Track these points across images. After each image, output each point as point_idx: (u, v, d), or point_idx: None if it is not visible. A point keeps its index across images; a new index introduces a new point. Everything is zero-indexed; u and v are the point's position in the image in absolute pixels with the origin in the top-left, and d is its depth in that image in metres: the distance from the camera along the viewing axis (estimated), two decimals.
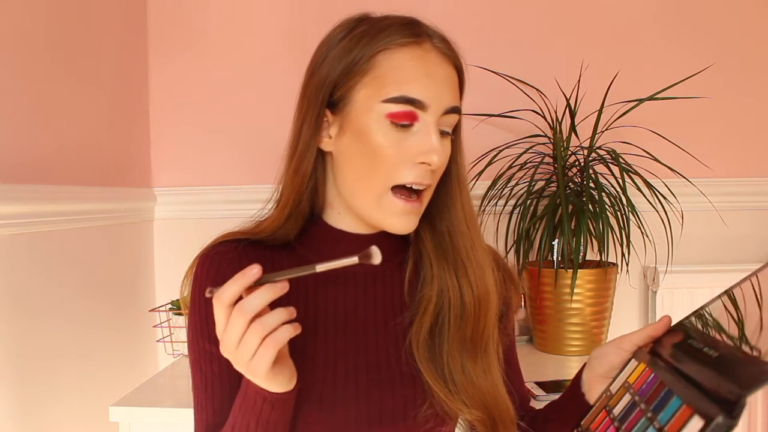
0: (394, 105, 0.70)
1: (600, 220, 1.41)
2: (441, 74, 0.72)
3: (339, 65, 0.73)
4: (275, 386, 0.64)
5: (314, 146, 0.76)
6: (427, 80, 0.71)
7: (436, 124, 0.71)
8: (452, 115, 0.73)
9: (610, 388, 0.71)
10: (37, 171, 1.25)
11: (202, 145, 1.75)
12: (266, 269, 0.81)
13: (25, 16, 1.22)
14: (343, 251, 0.78)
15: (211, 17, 1.73)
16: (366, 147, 0.72)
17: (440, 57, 0.73)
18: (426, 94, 0.70)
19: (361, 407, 0.73)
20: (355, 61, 0.72)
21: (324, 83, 0.74)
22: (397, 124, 0.70)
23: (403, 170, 0.71)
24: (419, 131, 0.71)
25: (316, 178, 0.78)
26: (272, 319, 0.58)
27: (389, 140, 0.71)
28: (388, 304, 0.79)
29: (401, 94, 0.70)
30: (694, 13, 1.70)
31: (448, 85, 0.73)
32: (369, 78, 0.71)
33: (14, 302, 1.17)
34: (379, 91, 0.71)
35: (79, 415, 1.36)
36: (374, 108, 0.71)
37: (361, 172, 0.73)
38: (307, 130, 0.76)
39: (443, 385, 0.74)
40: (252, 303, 0.58)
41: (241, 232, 0.80)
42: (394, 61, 0.71)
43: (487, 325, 0.77)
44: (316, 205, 0.80)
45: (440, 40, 0.74)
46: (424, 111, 0.71)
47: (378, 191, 0.72)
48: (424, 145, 0.70)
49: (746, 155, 1.72)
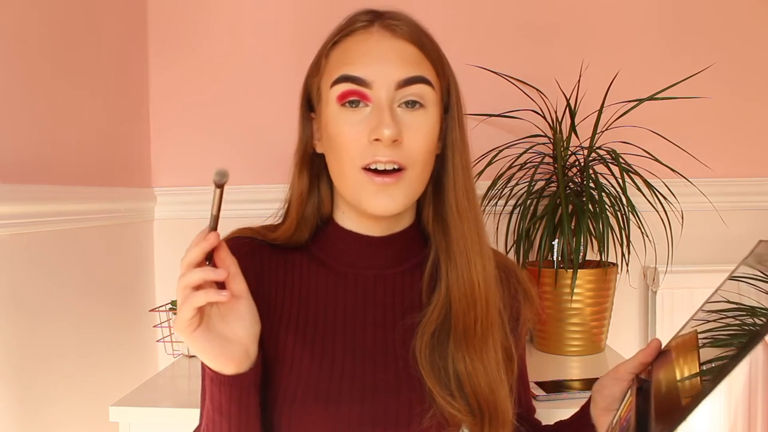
0: (337, 87, 0.71)
1: (600, 220, 1.41)
2: (382, 49, 0.72)
3: (311, 67, 0.77)
4: (211, 362, 0.65)
5: (309, 151, 0.79)
6: (367, 57, 0.71)
7: (389, 100, 0.70)
8: (414, 86, 0.71)
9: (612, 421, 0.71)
10: (37, 171, 1.25)
11: (202, 145, 1.75)
12: (279, 266, 0.82)
13: (26, 17, 1.22)
14: (353, 252, 0.79)
15: (211, 17, 1.73)
16: (330, 138, 0.73)
17: (386, 33, 0.73)
18: (365, 70, 0.71)
19: (366, 408, 0.73)
20: (317, 60, 0.76)
21: (304, 87, 0.79)
22: (345, 105, 0.71)
23: (362, 151, 0.70)
24: (372, 110, 0.71)
25: (320, 182, 0.80)
26: (192, 276, 0.60)
27: (344, 124, 0.71)
28: (399, 306, 0.79)
29: (341, 73, 0.71)
30: (694, 13, 1.70)
31: (395, 58, 0.71)
32: (325, 72, 0.74)
33: (14, 302, 1.17)
34: (329, 80, 0.73)
35: (79, 415, 1.36)
36: (329, 98, 0.73)
37: (335, 164, 0.74)
38: (302, 136, 0.79)
39: (443, 390, 0.73)
40: (189, 257, 0.60)
41: (257, 231, 0.81)
42: (341, 49, 0.74)
43: (477, 318, 0.75)
44: (324, 209, 0.81)
45: (394, 20, 0.73)
46: (369, 88, 0.71)
47: (351, 176, 0.72)
48: (375, 121, 0.70)
49: (746, 155, 1.72)
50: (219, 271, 0.60)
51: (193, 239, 0.61)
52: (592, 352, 1.49)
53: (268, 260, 0.79)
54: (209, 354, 0.64)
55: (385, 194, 0.71)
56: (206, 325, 0.63)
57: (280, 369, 0.74)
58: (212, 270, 0.60)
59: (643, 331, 1.72)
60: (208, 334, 0.63)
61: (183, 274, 0.60)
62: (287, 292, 0.78)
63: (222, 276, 0.61)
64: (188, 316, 0.60)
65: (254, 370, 0.68)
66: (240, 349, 0.66)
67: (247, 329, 0.66)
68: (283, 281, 0.79)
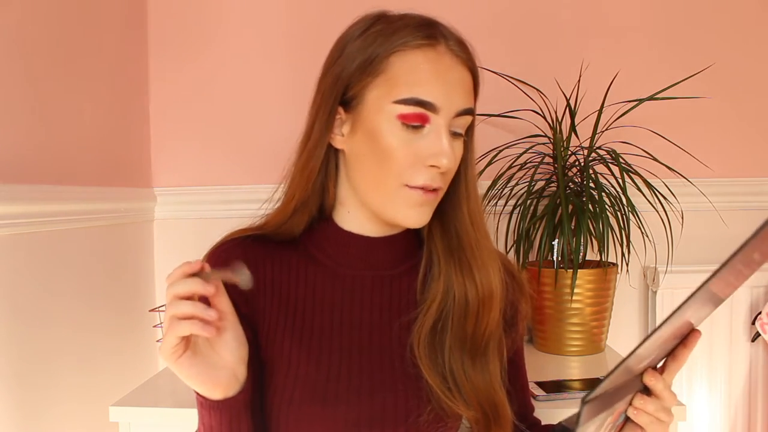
0: (405, 106, 0.71)
1: (600, 220, 1.41)
2: (453, 77, 0.72)
3: (353, 63, 0.73)
4: (198, 387, 0.66)
5: (325, 143, 0.77)
6: (439, 83, 0.71)
7: (447, 127, 0.72)
8: (464, 117, 0.74)
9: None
10: (37, 171, 1.25)
11: (201, 145, 1.75)
12: (273, 265, 0.82)
13: (26, 17, 1.22)
14: (351, 254, 0.79)
15: (212, 18, 1.73)
16: (377, 147, 0.72)
17: (454, 59, 0.73)
18: (437, 96, 0.71)
19: (364, 407, 0.73)
20: (369, 61, 0.72)
21: (338, 80, 0.74)
22: (407, 126, 0.71)
23: (413, 172, 0.72)
24: (430, 133, 0.71)
25: (326, 175, 0.79)
26: (180, 308, 0.60)
27: (399, 141, 0.71)
28: (396, 307, 0.79)
29: (412, 95, 0.70)
30: (694, 13, 1.70)
31: (460, 87, 0.73)
32: (382, 78, 0.72)
33: (14, 302, 1.17)
34: (390, 91, 0.71)
35: (79, 415, 1.36)
36: (385, 108, 0.71)
37: (373, 171, 0.73)
38: (319, 126, 0.76)
39: (442, 383, 0.74)
40: (176, 287, 0.61)
41: (248, 229, 0.81)
42: (407, 62, 0.71)
43: (489, 325, 0.77)
44: (326, 202, 0.80)
45: (455, 43, 0.74)
46: (435, 113, 0.71)
47: (391, 189, 0.73)
48: (435, 147, 0.71)
49: (746, 155, 1.72)
50: (210, 311, 0.60)
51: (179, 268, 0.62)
52: (592, 352, 1.49)
53: (263, 260, 0.79)
54: (196, 380, 0.64)
55: (423, 209, 0.74)
56: (192, 351, 0.63)
57: (277, 371, 0.74)
58: (202, 306, 0.60)
59: (643, 331, 1.72)
60: (194, 359, 0.63)
61: (170, 303, 0.61)
62: (282, 293, 0.78)
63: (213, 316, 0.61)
64: (173, 343, 0.61)
65: (243, 393, 0.68)
66: (227, 373, 0.66)
67: (233, 353, 0.66)
68: (279, 282, 0.79)
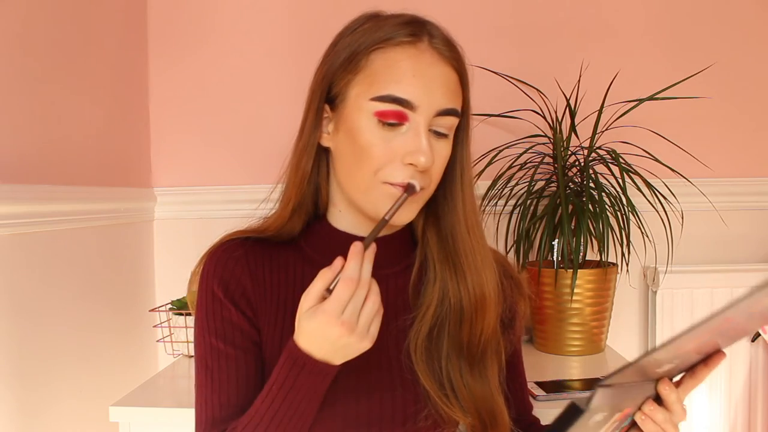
0: (381, 104, 0.70)
1: (600, 220, 1.41)
2: (433, 74, 0.71)
3: (337, 61, 0.73)
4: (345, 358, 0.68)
5: (314, 142, 0.77)
6: (417, 80, 0.70)
7: (426, 125, 0.71)
8: (448, 117, 0.73)
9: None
10: (37, 171, 1.25)
11: (202, 145, 1.75)
12: (272, 266, 0.82)
13: (25, 17, 1.22)
14: (344, 253, 0.79)
15: (212, 18, 1.73)
16: (355, 145, 0.72)
17: (435, 57, 0.72)
18: (414, 94, 0.70)
19: (361, 408, 0.73)
20: (351, 58, 0.72)
21: (323, 78, 0.75)
22: (384, 123, 0.70)
23: (392, 169, 0.71)
24: (408, 131, 0.71)
25: (318, 175, 0.79)
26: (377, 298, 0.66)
27: (377, 139, 0.71)
28: (391, 307, 0.79)
29: (389, 93, 0.70)
30: (694, 13, 1.70)
31: (442, 85, 0.72)
32: (362, 75, 0.72)
33: (14, 302, 1.17)
34: (369, 89, 0.71)
35: (79, 415, 1.36)
36: (364, 106, 0.71)
37: (353, 169, 0.73)
38: (309, 125, 0.76)
39: (439, 389, 0.74)
40: (366, 274, 0.65)
41: (248, 231, 0.81)
42: (387, 59, 0.71)
43: (484, 330, 0.77)
44: (320, 202, 0.80)
45: (441, 41, 0.73)
46: (413, 111, 0.70)
47: (369, 185, 0.72)
48: (412, 145, 0.70)
49: (746, 155, 1.72)
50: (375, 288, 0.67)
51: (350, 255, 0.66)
52: (592, 352, 1.49)
53: (262, 261, 0.79)
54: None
55: (405, 208, 0.73)
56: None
57: None
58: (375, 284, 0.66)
59: (643, 331, 1.72)
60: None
61: (374, 290, 0.66)
62: (281, 294, 0.78)
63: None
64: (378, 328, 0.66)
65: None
66: None
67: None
68: (277, 283, 0.79)
